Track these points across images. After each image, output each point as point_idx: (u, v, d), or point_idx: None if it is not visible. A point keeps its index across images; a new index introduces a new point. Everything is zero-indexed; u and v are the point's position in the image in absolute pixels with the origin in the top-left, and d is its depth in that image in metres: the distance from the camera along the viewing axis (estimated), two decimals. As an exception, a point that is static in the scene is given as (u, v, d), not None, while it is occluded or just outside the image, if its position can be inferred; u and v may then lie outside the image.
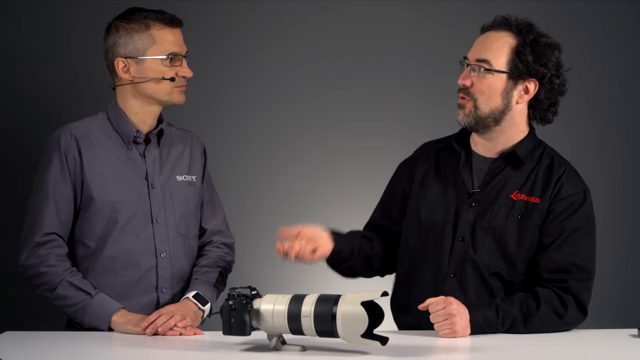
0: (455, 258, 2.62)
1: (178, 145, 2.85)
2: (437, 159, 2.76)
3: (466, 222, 2.63)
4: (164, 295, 2.75)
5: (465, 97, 2.62)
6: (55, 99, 3.74)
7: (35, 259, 2.65)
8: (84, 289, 2.63)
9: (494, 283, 2.60)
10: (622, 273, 3.96)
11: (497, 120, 2.62)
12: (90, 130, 2.74)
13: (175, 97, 2.73)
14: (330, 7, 3.93)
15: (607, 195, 3.92)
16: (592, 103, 4.00)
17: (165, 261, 2.75)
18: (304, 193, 3.92)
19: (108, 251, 2.70)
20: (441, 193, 2.70)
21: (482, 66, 2.59)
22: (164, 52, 2.69)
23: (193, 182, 2.84)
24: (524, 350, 2.35)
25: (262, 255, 3.85)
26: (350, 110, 3.91)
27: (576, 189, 2.62)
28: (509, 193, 2.63)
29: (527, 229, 2.59)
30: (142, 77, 2.70)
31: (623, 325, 2.67)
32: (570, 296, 2.54)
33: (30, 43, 3.72)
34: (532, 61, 2.59)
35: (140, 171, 2.75)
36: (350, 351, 2.24)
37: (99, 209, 2.69)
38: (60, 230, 2.68)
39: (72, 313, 2.65)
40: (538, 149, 2.68)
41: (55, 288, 2.63)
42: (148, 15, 2.69)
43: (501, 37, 2.62)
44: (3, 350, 2.33)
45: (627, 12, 4.00)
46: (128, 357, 2.36)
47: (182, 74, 2.72)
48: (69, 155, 2.69)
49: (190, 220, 2.82)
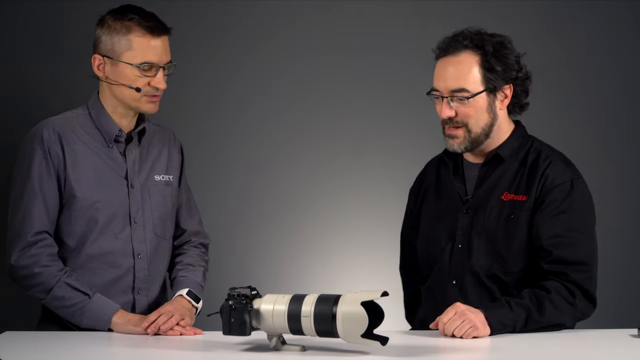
0: (455, 265, 2.66)
1: (157, 144, 2.82)
2: (437, 174, 2.82)
3: (462, 229, 2.67)
4: (140, 297, 2.74)
5: (454, 126, 2.65)
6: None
7: (28, 259, 2.61)
8: (81, 290, 2.61)
9: (492, 285, 2.63)
10: (622, 273, 3.95)
11: (488, 135, 2.67)
12: (71, 125, 2.69)
13: (143, 106, 2.67)
14: (331, 6, 3.92)
15: (607, 195, 3.92)
16: (591, 103, 4.00)
17: (142, 262, 2.73)
18: (304, 193, 3.92)
19: (87, 250, 2.67)
20: (440, 206, 2.75)
21: (460, 96, 2.61)
22: (138, 60, 2.63)
23: (170, 181, 2.82)
24: (524, 350, 2.35)
25: (262, 255, 3.86)
26: (351, 110, 3.91)
27: (563, 179, 2.63)
28: (499, 195, 2.66)
29: (516, 227, 2.62)
30: (114, 79, 2.66)
31: (623, 325, 2.67)
32: (574, 286, 2.54)
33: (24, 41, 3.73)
34: (502, 69, 2.63)
35: (120, 170, 2.72)
36: (350, 351, 2.24)
37: (80, 208, 2.65)
38: (50, 228, 2.65)
39: (68, 314, 2.62)
40: (524, 146, 2.71)
41: (51, 289, 2.61)
42: (132, 18, 2.63)
43: (464, 59, 2.62)
44: (3, 350, 2.33)
45: (628, 12, 4.00)
46: (128, 357, 2.35)
47: (154, 85, 2.65)
48: (52, 151, 2.64)
49: (166, 221, 2.80)
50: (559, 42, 3.99)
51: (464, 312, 2.43)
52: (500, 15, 3.94)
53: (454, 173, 2.75)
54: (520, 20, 3.96)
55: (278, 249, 3.92)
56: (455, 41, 2.63)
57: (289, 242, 3.92)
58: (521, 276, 2.61)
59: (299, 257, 3.91)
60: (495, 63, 2.61)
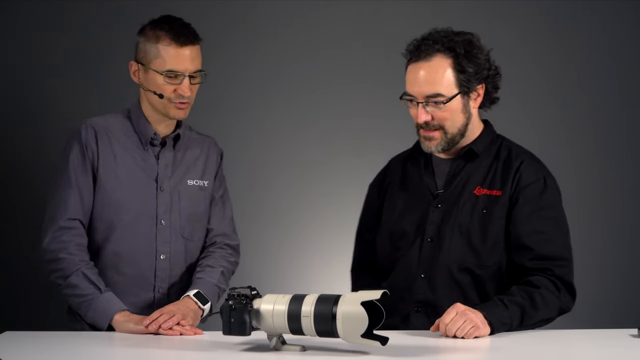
0: (424, 259, 2.68)
1: (195, 150, 2.89)
2: (403, 170, 2.83)
3: (433, 223, 2.69)
4: (161, 297, 2.78)
5: (430, 129, 2.66)
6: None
7: (58, 244, 2.68)
8: (95, 283, 2.66)
9: (463, 279, 2.64)
10: (622, 273, 3.96)
11: (463, 134, 2.69)
12: (109, 127, 2.79)
13: (170, 112, 2.76)
14: (331, 6, 3.93)
15: (607, 195, 3.93)
16: (591, 102, 4.01)
17: (164, 262, 2.78)
18: (304, 193, 3.92)
19: (111, 247, 2.74)
20: (408, 200, 2.76)
21: (436, 100, 2.62)
22: (162, 68, 2.71)
23: (204, 187, 2.88)
24: (524, 350, 2.35)
25: (262, 255, 3.86)
26: (351, 110, 3.91)
27: (537, 176, 2.67)
28: (471, 189, 2.68)
29: (490, 221, 2.64)
30: (145, 86, 2.76)
31: (623, 325, 2.67)
32: (559, 281, 2.58)
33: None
34: (474, 70, 2.64)
35: (151, 173, 2.79)
36: (350, 351, 2.24)
37: (107, 205, 2.74)
38: (83, 217, 2.73)
39: (77, 304, 2.67)
40: (495, 142, 2.75)
41: (69, 276, 2.66)
42: (163, 27, 2.72)
43: (437, 63, 2.63)
44: (3, 350, 2.33)
45: (628, 12, 4.00)
46: (128, 357, 2.36)
47: (179, 92, 2.72)
48: (88, 147, 2.74)
49: (196, 224, 2.85)
50: (559, 42, 3.99)
51: (465, 312, 2.43)
52: (501, 15, 3.95)
53: (424, 168, 2.76)
54: (521, 20, 3.97)
55: (278, 249, 3.92)
56: (426, 45, 2.64)
57: (289, 242, 3.93)
58: (494, 270, 2.64)
59: (299, 257, 3.91)
60: (467, 65, 2.62)
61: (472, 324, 2.42)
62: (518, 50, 3.94)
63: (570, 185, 3.90)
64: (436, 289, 2.65)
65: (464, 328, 2.42)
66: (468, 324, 2.42)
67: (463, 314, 2.43)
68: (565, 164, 3.91)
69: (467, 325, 2.42)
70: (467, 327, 2.42)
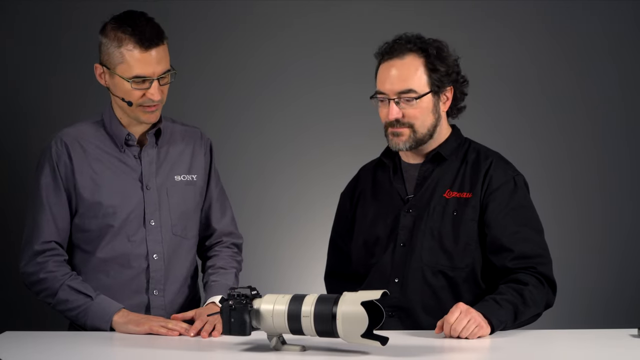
0: (397, 264, 2.69)
1: (179, 144, 2.80)
2: (374, 178, 2.85)
3: (405, 228, 2.71)
4: (156, 298, 2.73)
5: (399, 127, 2.69)
6: (55, 104, 3.74)
7: (34, 267, 2.65)
8: (84, 292, 2.62)
9: (436, 282, 2.66)
10: (621, 273, 3.96)
11: (432, 135, 2.72)
12: (81, 135, 2.71)
13: (141, 117, 2.66)
14: (330, 6, 3.93)
15: (607, 195, 3.93)
16: (590, 102, 4.01)
17: (158, 263, 2.72)
18: (304, 193, 3.92)
19: (100, 254, 2.69)
20: (380, 207, 2.78)
21: (408, 97, 2.65)
22: (128, 74, 2.58)
23: (193, 181, 2.80)
24: (524, 350, 2.35)
25: (262, 255, 3.86)
26: (350, 110, 3.91)
27: (506, 177, 2.69)
28: (441, 193, 2.71)
29: (462, 223, 2.66)
30: (113, 90, 2.66)
31: (623, 325, 2.67)
32: (542, 277, 2.60)
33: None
34: (445, 71, 2.68)
35: (133, 174, 2.72)
36: (350, 351, 2.24)
37: (92, 213, 2.68)
38: (58, 237, 2.68)
39: (74, 317, 2.64)
40: (463, 145, 2.78)
41: (56, 293, 2.63)
42: (125, 30, 2.58)
43: (410, 61, 2.67)
44: (3, 350, 2.33)
45: (628, 12, 4.00)
46: (128, 357, 2.36)
47: (148, 97, 2.61)
48: (60, 162, 2.67)
49: (188, 220, 2.79)
50: (559, 42, 3.99)
51: (469, 310, 2.44)
52: (500, 15, 3.95)
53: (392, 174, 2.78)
54: (521, 20, 3.97)
55: (278, 249, 3.92)
56: (398, 45, 2.69)
57: (289, 242, 3.92)
58: (467, 272, 2.65)
59: (299, 257, 3.91)
60: (439, 64, 2.67)
61: (476, 323, 2.42)
62: (516, 50, 3.94)
63: (569, 185, 3.91)
64: (410, 293, 2.66)
65: (469, 328, 2.42)
66: (472, 323, 2.42)
67: (467, 313, 2.43)
68: (564, 164, 3.91)
69: (472, 324, 2.42)
70: (472, 327, 2.42)
